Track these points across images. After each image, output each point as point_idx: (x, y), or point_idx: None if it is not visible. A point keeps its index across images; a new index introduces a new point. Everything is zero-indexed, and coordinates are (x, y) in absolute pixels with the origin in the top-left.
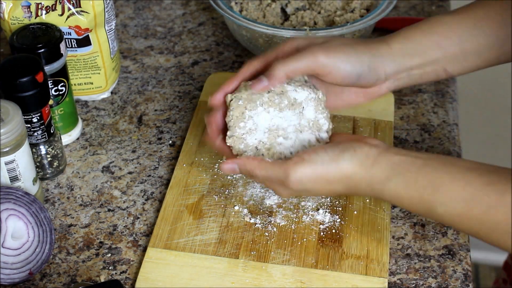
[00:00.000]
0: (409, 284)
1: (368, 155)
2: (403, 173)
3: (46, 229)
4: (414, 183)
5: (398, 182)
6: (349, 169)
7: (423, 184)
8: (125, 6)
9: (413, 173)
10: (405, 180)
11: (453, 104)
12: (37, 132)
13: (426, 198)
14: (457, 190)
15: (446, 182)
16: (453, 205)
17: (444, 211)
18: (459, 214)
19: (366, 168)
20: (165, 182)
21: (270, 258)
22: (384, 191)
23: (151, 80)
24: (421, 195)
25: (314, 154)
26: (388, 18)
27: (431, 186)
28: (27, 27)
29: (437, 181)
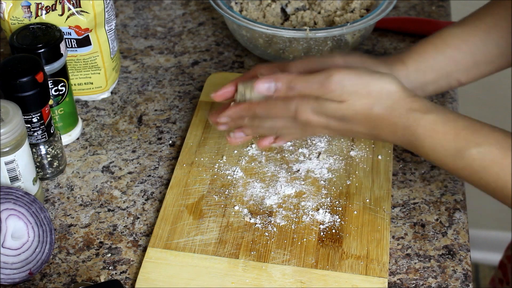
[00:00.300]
0: (409, 284)
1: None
2: (444, 111)
3: (46, 229)
4: (454, 121)
5: (438, 116)
6: (392, 86)
7: (463, 125)
8: (125, 6)
9: (454, 114)
10: (445, 116)
11: (453, 104)
12: (37, 132)
13: (462, 136)
14: (496, 137)
15: (486, 128)
16: (489, 148)
17: (478, 152)
18: (492, 158)
19: (407, 93)
20: (165, 182)
21: (270, 258)
22: (420, 121)
23: (151, 80)
24: (458, 132)
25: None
26: (388, 18)
27: (471, 128)
28: (27, 27)
29: (477, 125)
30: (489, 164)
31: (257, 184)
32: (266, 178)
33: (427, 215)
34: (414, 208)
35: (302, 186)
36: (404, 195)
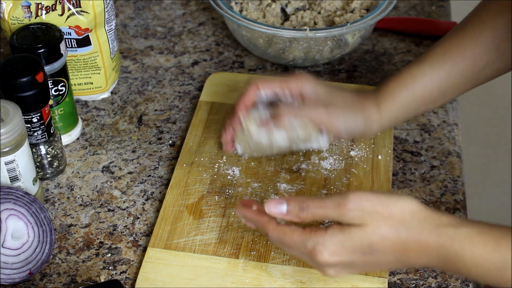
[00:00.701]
0: (409, 284)
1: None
2: (476, 223)
3: (46, 229)
4: (489, 231)
5: (471, 228)
6: (414, 205)
7: (501, 234)
8: (125, 6)
9: (486, 225)
10: (479, 228)
11: (453, 104)
12: (37, 132)
13: (504, 246)
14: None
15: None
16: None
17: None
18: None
19: (431, 209)
20: (165, 182)
21: (270, 258)
22: (455, 236)
23: (151, 80)
24: (498, 242)
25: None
26: (388, 18)
27: (508, 235)
28: (27, 27)
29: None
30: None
31: (257, 184)
32: (266, 178)
33: None
34: None
35: (302, 186)
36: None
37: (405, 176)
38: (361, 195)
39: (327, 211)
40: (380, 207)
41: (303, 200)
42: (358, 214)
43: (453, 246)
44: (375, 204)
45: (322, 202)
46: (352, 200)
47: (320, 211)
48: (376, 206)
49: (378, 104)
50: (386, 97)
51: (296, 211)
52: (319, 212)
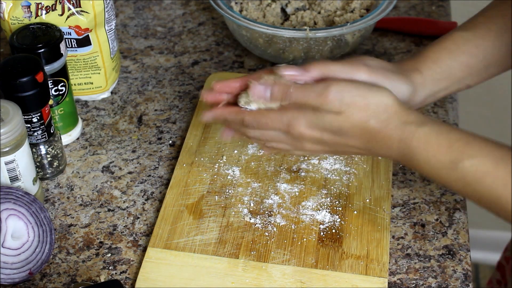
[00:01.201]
0: (409, 284)
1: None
2: (438, 123)
3: (46, 229)
4: (447, 133)
5: (432, 128)
6: (389, 100)
7: (456, 137)
8: (125, 6)
9: (448, 127)
10: (439, 128)
11: (453, 104)
12: (37, 132)
13: (455, 148)
14: (489, 148)
15: (478, 139)
16: (483, 160)
17: (471, 165)
18: (485, 171)
19: (403, 107)
20: (165, 182)
21: (270, 258)
22: (415, 134)
23: (151, 80)
24: (451, 144)
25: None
26: (388, 18)
27: (464, 139)
28: (27, 27)
29: (470, 137)
30: (482, 176)
31: (257, 184)
32: (266, 178)
33: (427, 215)
34: (414, 208)
35: (302, 186)
36: (404, 195)
37: (405, 176)
38: (343, 86)
39: (309, 99)
40: (359, 98)
41: (288, 86)
42: (337, 105)
43: (411, 142)
44: (355, 95)
45: (305, 91)
46: (333, 91)
47: (302, 98)
48: (355, 98)
49: (419, 70)
50: (428, 63)
51: (280, 96)
52: (301, 99)
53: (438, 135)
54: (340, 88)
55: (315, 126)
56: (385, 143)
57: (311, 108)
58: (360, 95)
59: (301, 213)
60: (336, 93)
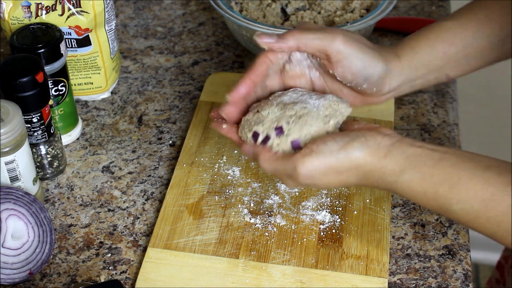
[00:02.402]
0: (409, 284)
1: (381, 145)
2: (418, 166)
3: (46, 229)
4: (430, 178)
5: (413, 175)
6: (360, 158)
7: (439, 180)
8: (125, 6)
9: (429, 167)
10: (420, 174)
11: (453, 104)
12: (37, 132)
13: (441, 194)
14: (475, 189)
15: (464, 179)
16: (471, 204)
17: (460, 209)
18: (476, 214)
19: (378, 158)
20: (165, 182)
21: (270, 258)
22: (397, 184)
23: (151, 80)
24: (436, 190)
25: (322, 145)
26: (388, 18)
27: (448, 182)
28: (27, 27)
29: (454, 177)
30: (474, 219)
31: (257, 184)
32: (266, 178)
33: (427, 215)
34: (414, 208)
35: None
36: None
37: None
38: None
39: (280, 177)
40: (329, 170)
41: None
42: (309, 182)
43: (396, 190)
44: (324, 169)
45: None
46: (302, 174)
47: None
48: (325, 170)
49: (397, 55)
50: (406, 48)
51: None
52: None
53: (421, 182)
54: (308, 168)
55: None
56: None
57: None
58: (329, 166)
59: (301, 213)
60: (305, 176)
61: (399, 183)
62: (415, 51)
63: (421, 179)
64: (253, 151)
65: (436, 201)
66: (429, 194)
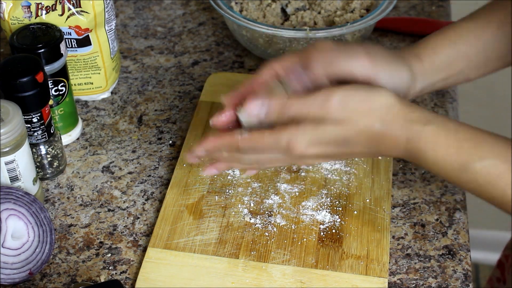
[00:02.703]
0: (409, 284)
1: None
2: (444, 121)
3: (46, 229)
4: (455, 133)
5: (439, 127)
6: (391, 99)
7: (465, 136)
8: (125, 6)
9: (455, 124)
10: (446, 127)
11: (453, 104)
12: (37, 132)
13: (465, 149)
14: (499, 149)
15: (488, 139)
16: (494, 162)
17: (482, 167)
18: (498, 174)
19: (406, 104)
20: (165, 182)
21: (270, 258)
22: (422, 133)
23: (151, 80)
24: (461, 145)
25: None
26: (388, 18)
27: (473, 139)
28: (27, 27)
29: (479, 136)
30: (494, 179)
31: (257, 184)
32: (266, 178)
33: (427, 215)
34: (414, 208)
35: (302, 186)
36: (404, 195)
37: (405, 176)
38: (344, 93)
39: (311, 111)
40: (361, 103)
41: (284, 101)
42: (341, 113)
43: (419, 143)
44: (357, 101)
45: (306, 102)
46: (336, 100)
47: (303, 111)
48: (357, 103)
49: (419, 57)
50: (429, 51)
51: (276, 112)
52: (300, 113)
53: (447, 134)
54: (342, 95)
55: (317, 142)
56: (392, 144)
57: (312, 121)
58: (362, 99)
59: (301, 213)
60: (339, 101)
61: (424, 133)
62: (436, 53)
63: (447, 132)
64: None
65: (458, 156)
66: (452, 148)
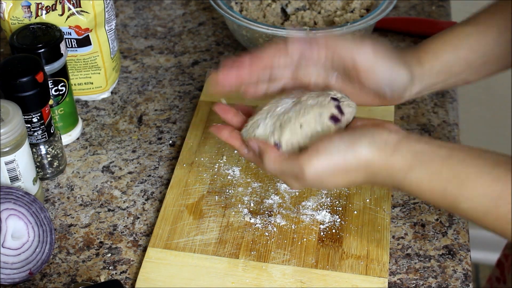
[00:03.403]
0: (409, 284)
1: (388, 142)
2: (426, 163)
3: (46, 229)
4: (438, 175)
5: (421, 173)
6: (368, 156)
7: (448, 177)
8: (125, 6)
9: (437, 164)
10: (428, 171)
11: (453, 104)
12: (37, 132)
13: (450, 192)
14: (484, 186)
15: (472, 176)
16: (480, 201)
17: (469, 207)
18: (485, 212)
19: (385, 156)
20: (165, 182)
21: (270, 258)
22: (405, 182)
23: (151, 80)
24: (444, 188)
25: (328, 143)
26: (388, 18)
27: (456, 179)
28: (27, 27)
29: (462, 174)
30: (483, 217)
31: (257, 184)
32: (266, 178)
33: (427, 215)
34: (414, 208)
35: None
36: (404, 195)
37: None
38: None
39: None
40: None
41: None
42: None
43: (405, 188)
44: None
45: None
46: (309, 176)
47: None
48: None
49: (420, 61)
50: (429, 54)
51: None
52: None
53: (429, 179)
54: (315, 168)
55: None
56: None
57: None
58: (338, 164)
59: (301, 213)
60: (312, 176)
61: (407, 181)
62: (437, 57)
63: (429, 177)
64: (258, 149)
65: (444, 199)
66: (437, 192)
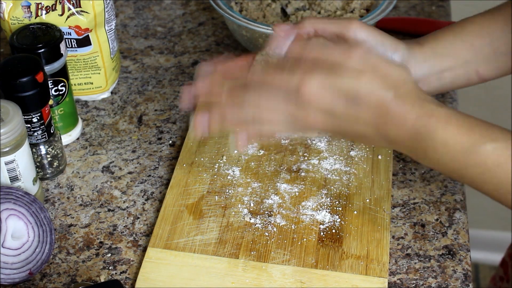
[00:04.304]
0: (409, 284)
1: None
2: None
3: (46, 229)
4: (467, 117)
5: (452, 110)
6: (409, 76)
7: (476, 122)
8: (125, 6)
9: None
10: (459, 112)
11: (453, 104)
12: (37, 132)
13: (477, 131)
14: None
15: (499, 127)
16: (506, 145)
17: (494, 148)
18: (509, 155)
19: (419, 87)
20: (165, 182)
21: (270, 258)
22: (435, 111)
23: (151, 80)
24: (472, 127)
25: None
26: (388, 18)
27: (484, 125)
28: (27, 27)
29: (490, 124)
30: (504, 161)
31: (257, 184)
32: (266, 178)
33: (427, 215)
34: (414, 208)
35: (302, 186)
36: (404, 195)
37: (405, 176)
38: (369, 49)
39: (331, 55)
40: (382, 65)
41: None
42: (361, 64)
43: (430, 119)
44: (379, 61)
45: (329, 45)
46: (359, 50)
47: (325, 53)
48: (379, 63)
49: (420, 43)
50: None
51: (300, 47)
52: (322, 54)
53: (458, 117)
54: (366, 49)
55: (329, 87)
56: (399, 120)
57: (330, 66)
58: (384, 63)
59: (301, 213)
60: (362, 53)
61: (437, 111)
62: (438, 39)
63: (459, 115)
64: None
65: (469, 136)
66: (464, 129)
